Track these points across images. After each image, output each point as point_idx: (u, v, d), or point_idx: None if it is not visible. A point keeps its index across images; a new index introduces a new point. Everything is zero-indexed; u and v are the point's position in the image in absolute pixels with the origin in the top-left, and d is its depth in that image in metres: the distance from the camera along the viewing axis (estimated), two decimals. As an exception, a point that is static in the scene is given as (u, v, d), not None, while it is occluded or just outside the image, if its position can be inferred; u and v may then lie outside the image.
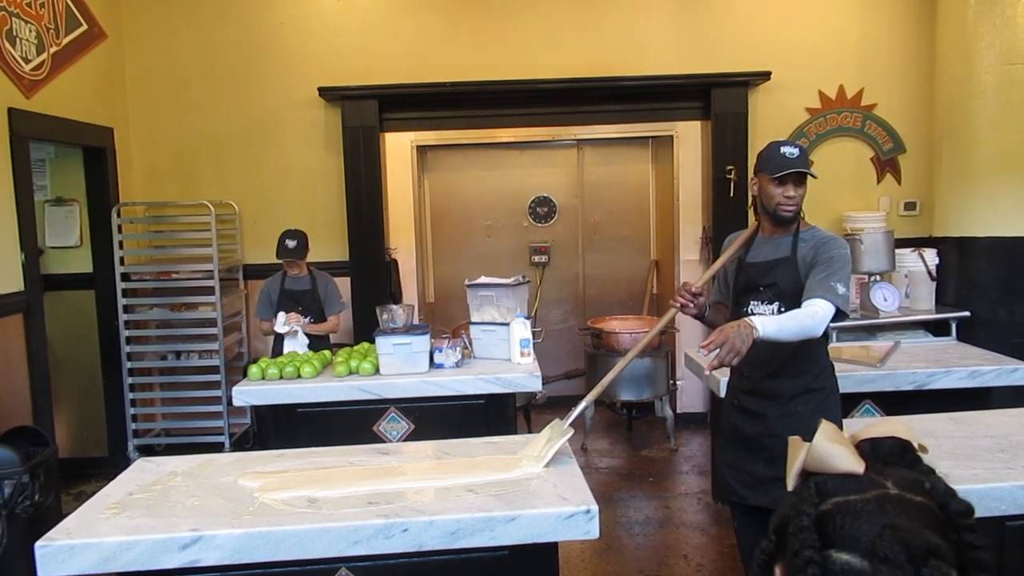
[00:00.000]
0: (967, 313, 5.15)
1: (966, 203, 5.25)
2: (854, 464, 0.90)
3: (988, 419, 2.78)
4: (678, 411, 5.91)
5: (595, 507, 2.08)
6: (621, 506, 4.59)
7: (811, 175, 2.55)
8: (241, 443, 5.54)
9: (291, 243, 4.75)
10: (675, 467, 5.25)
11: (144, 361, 5.50)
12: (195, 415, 5.43)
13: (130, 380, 5.33)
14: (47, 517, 3.46)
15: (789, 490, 0.94)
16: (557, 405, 5.14)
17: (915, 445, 0.95)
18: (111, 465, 5.19)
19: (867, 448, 0.94)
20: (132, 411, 5.35)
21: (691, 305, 2.66)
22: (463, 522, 2.04)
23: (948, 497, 0.86)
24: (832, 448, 0.91)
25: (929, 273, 5.30)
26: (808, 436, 0.97)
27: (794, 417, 2.52)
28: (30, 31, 4.49)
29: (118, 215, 5.25)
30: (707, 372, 2.27)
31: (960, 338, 4.78)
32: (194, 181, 5.75)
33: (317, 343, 4.65)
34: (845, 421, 2.66)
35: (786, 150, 2.53)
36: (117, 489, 2.35)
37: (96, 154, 5.32)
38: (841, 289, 2.43)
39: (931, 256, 5.34)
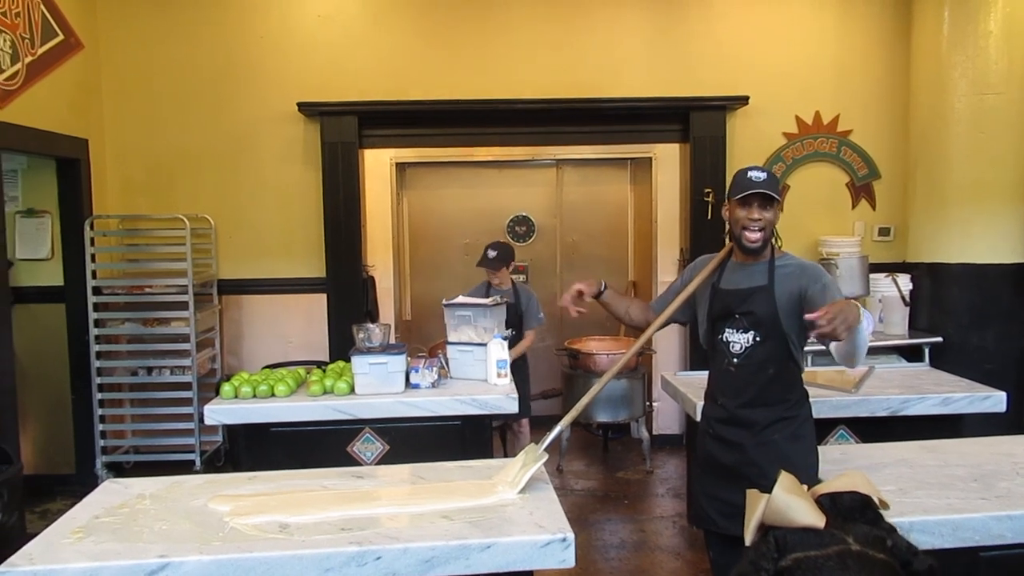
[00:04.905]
0: (939, 339, 5.21)
1: (939, 229, 5.32)
2: (814, 518, 0.87)
3: (962, 448, 2.80)
4: (654, 433, 5.91)
5: (571, 535, 2.06)
6: (596, 529, 4.57)
7: (775, 196, 2.49)
8: (212, 461, 5.45)
9: (492, 253, 4.81)
10: (650, 489, 5.24)
11: (114, 377, 5.40)
12: (166, 432, 5.33)
13: (100, 396, 5.22)
14: (11, 537, 3.39)
15: (747, 544, 0.90)
16: (534, 425, 5.11)
17: (876, 500, 0.92)
18: (78, 483, 5.07)
19: (827, 502, 0.91)
20: (101, 427, 5.24)
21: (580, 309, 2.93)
22: (437, 550, 2.01)
23: (911, 556, 0.83)
24: (791, 500, 0.88)
25: (903, 298, 5.36)
26: (784, 463, 0.94)
27: (770, 445, 2.50)
28: (5, 41, 4.42)
29: (91, 228, 5.17)
30: (813, 337, 2.19)
31: (933, 363, 4.84)
32: (169, 195, 5.68)
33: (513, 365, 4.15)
34: (820, 448, 2.67)
35: (752, 174, 2.51)
36: (83, 512, 2.29)
37: (70, 165, 5.24)
38: None
39: (904, 281, 5.40)
